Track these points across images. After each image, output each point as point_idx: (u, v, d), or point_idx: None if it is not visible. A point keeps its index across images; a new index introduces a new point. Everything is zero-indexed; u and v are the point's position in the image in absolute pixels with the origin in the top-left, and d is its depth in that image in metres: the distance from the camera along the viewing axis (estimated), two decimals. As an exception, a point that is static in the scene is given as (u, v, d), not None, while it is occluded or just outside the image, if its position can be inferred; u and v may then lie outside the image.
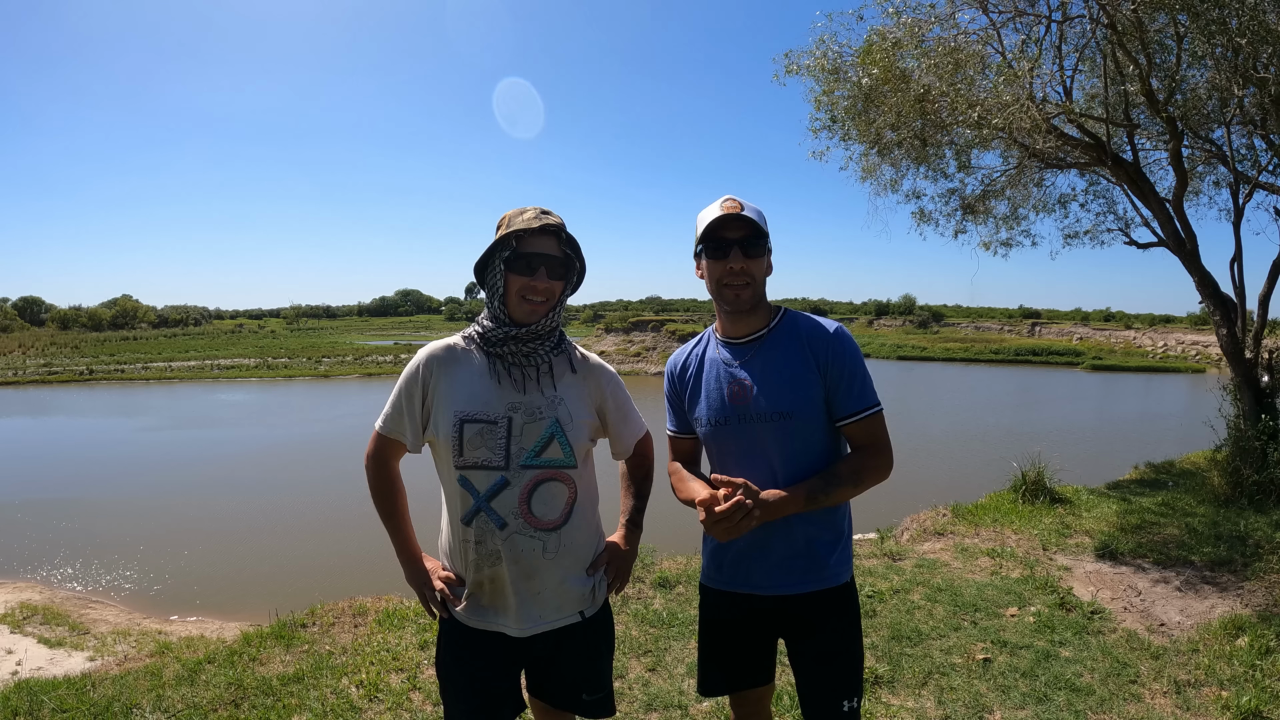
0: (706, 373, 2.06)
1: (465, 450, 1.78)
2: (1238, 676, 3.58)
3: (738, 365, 1.99)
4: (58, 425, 22.65)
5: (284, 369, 39.30)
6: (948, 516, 6.58)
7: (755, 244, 1.93)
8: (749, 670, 2.10)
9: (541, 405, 1.83)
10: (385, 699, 3.47)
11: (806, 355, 1.92)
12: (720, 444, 2.01)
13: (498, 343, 1.84)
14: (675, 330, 41.88)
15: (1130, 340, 51.14)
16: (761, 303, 2.01)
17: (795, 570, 1.95)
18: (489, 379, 1.83)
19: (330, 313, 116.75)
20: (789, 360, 1.94)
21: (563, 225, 1.85)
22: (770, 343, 1.98)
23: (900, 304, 71.15)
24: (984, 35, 7.12)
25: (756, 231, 1.92)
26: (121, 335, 70.01)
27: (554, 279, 1.84)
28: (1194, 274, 7.60)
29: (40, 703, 3.49)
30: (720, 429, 1.99)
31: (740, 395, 1.96)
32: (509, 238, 1.81)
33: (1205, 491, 7.17)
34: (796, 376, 1.91)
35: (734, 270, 1.93)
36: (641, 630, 4.20)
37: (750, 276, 1.94)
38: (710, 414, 2.01)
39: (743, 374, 1.97)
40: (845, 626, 1.99)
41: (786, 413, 1.90)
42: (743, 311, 1.98)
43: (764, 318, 2.01)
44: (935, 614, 4.43)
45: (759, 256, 1.95)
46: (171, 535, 10.65)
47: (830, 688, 1.96)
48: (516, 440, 1.80)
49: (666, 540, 5.49)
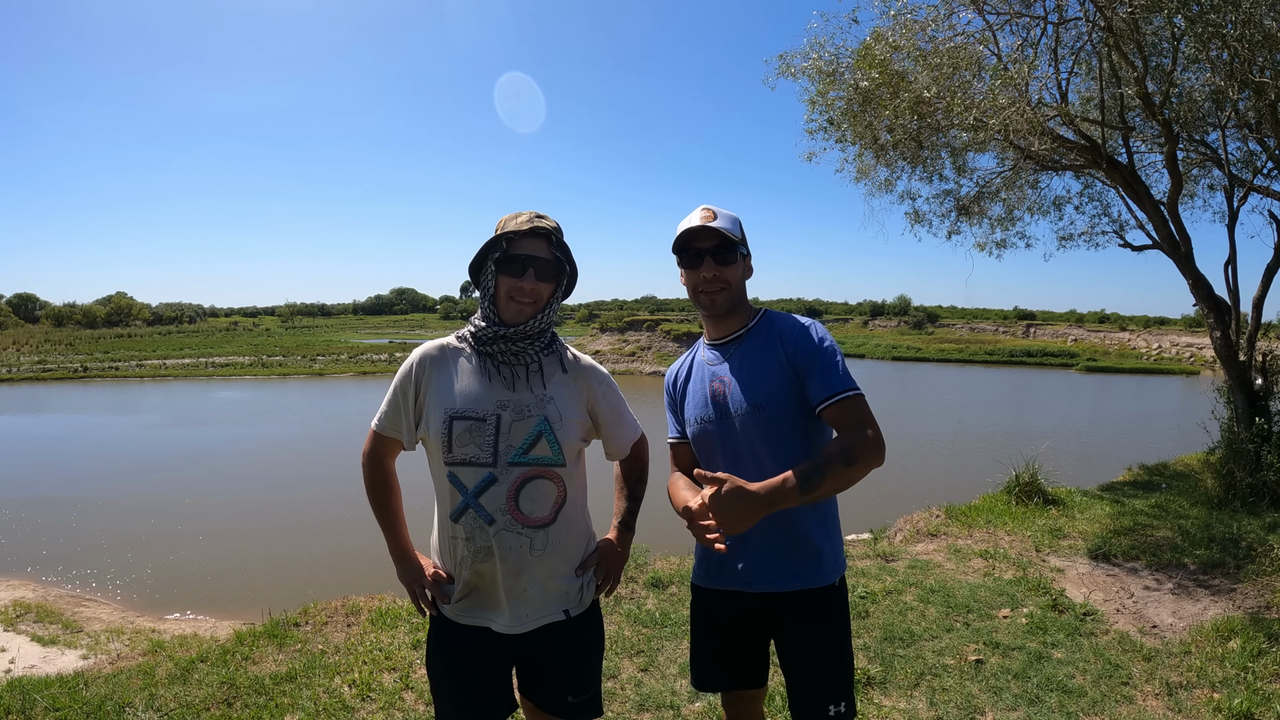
0: (694, 376, 2.14)
1: (454, 446, 1.80)
2: (1229, 679, 3.60)
3: (719, 365, 2.06)
4: (52, 423, 22.57)
5: (279, 367, 39.22)
6: (941, 518, 6.59)
7: (726, 252, 1.99)
8: (739, 671, 2.11)
9: (530, 403, 1.85)
10: (378, 698, 3.46)
11: (777, 348, 1.98)
12: (707, 442, 2.06)
13: (488, 341, 1.86)
14: (670, 330, 41.84)
15: (1125, 342, 51.33)
16: (740, 305, 2.07)
17: (783, 568, 1.97)
18: (480, 377, 1.85)
19: (325, 311, 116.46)
20: (762, 355, 1.99)
21: (556, 229, 1.87)
22: (747, 341, 2.05)
23: (895, 305, 71.28)
24: (980, 37, 7.14)
25: (726, 241, 1.98)
26: (116, 332, 69.78)
27: (543, 281, 1.85)
28: (1188, 277, 7.62)
29: (33, 701, 3.47)
30: (705, 427, 2.06)
31: (719, 393, 2.03)
32: (500, 239, 1.83)
33: (1198, 494, 7.20)
34: (768, 369, 1.97)
35: (707, 278, 2.00)
36: (634, 630, 4.20)
37: (724, 282, 2.01)
38: (695, 413, 2.09)
39: (722, 371, 2.04)
40: (834, 628, 1.99)
41: (759, 404, 1.95)
42: (720, 315, 2.05)
43: (743, 319, 2.08)
44: (928, 615, 4.44)
45: (732, 263, 2.01)
46: (165, 533, 10.62)
47: (817, 691, 1.96)
48: (505, 437, 1.81)
49: (659, 540, 5.49)
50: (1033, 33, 7.25)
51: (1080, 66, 7.78)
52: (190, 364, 40.55)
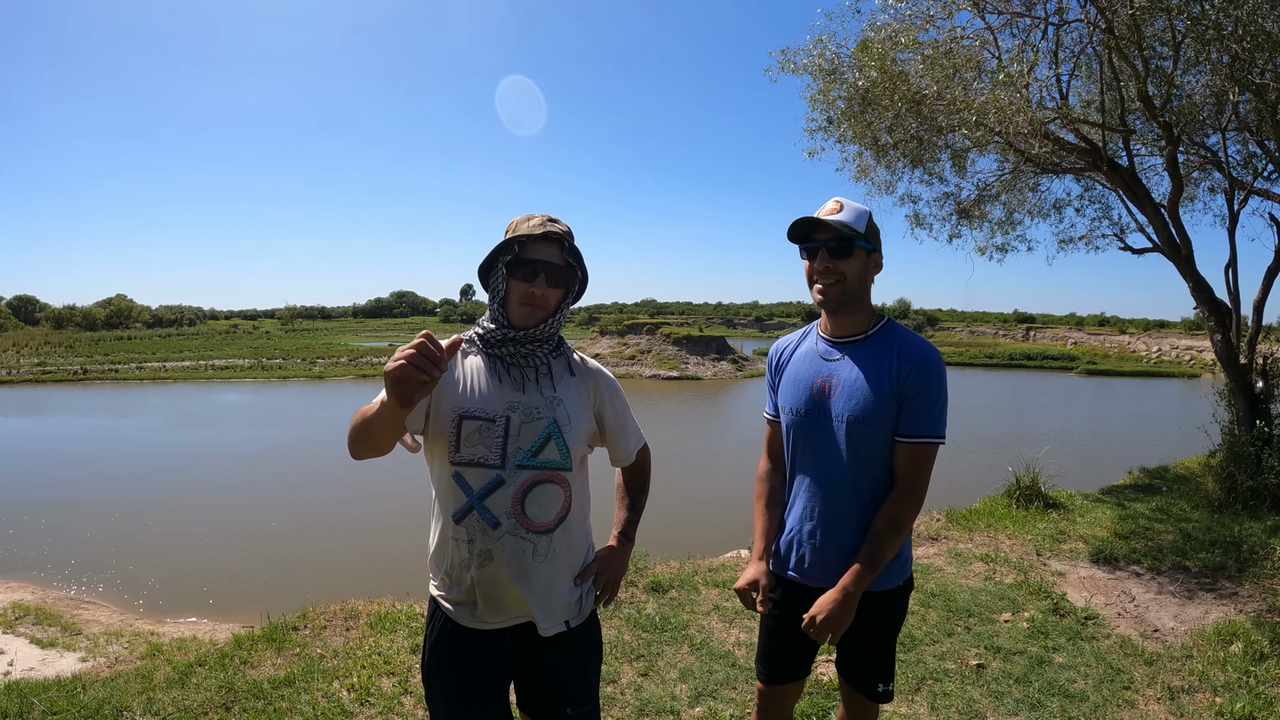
0: (798, 363, 2.15)
1: (462, 446, 1.77)
2: (1231, 683, 3.58)
3: (829, 363, 2.07)
4: (51, 425, 22.57)
5: (278, 370, 39.22)
6: (941, 521, 6.57)
7: (843, 246, 1.98)
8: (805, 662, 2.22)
9: (540, 405, 1.82)
10: (376, 703, 3.45)
11: (892, 366, 1.97)
12: (797, 434, 2.10)
13: (496, 344, 1.83)
14: (670, 333, 41.81)
15: (1125, 345, 51.39)
16: (859, 304, 2.05)
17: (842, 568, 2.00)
18: (489, 378, 1.83)
19: (325, 314, 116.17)
20: (876, 369, 1.98)
21: (568, 234, 1.84)
22: (865, 347, 2.03)
23: (895, 308, 71.41)
24: (980, 38, 7.12)
25: (843, 235, 1.97)
26: (116, 335, 69.74)
27: (554, 286, 1.83)
28: (1189, 280, 7.61)
29: (30, 705, 3.45)
30: (800, 420, 2.08)
31: (824, 392, 2.04)
32: (512, 242, 1.81)
33: (1200, 497, 7.19)
34: (879, 386, 1.96)
35: (820, 270, 2.01)
36: (634, 635, 4.18)
37: (839, 275, 1.99)
38: (793, 403, 2.11)
39: (832, 370, 2.05)
40: (894, 624, 2.11)
41: (864, 419, 1.96)
42: (834, 309, 2.04)
43: (863, 321, 2.06)
44: (929, 619, 4.43)
45: (848, 257, 1.99)
46: (164, 536, 10.61)
47: (870, 674, 2.12)
48: (514, 440, 1.79)
49: (660, 544, 5.48)
50: (1033, 34, 7.25)
51: (1081, 69, 7.78)
52: (190, 366, 40.54)
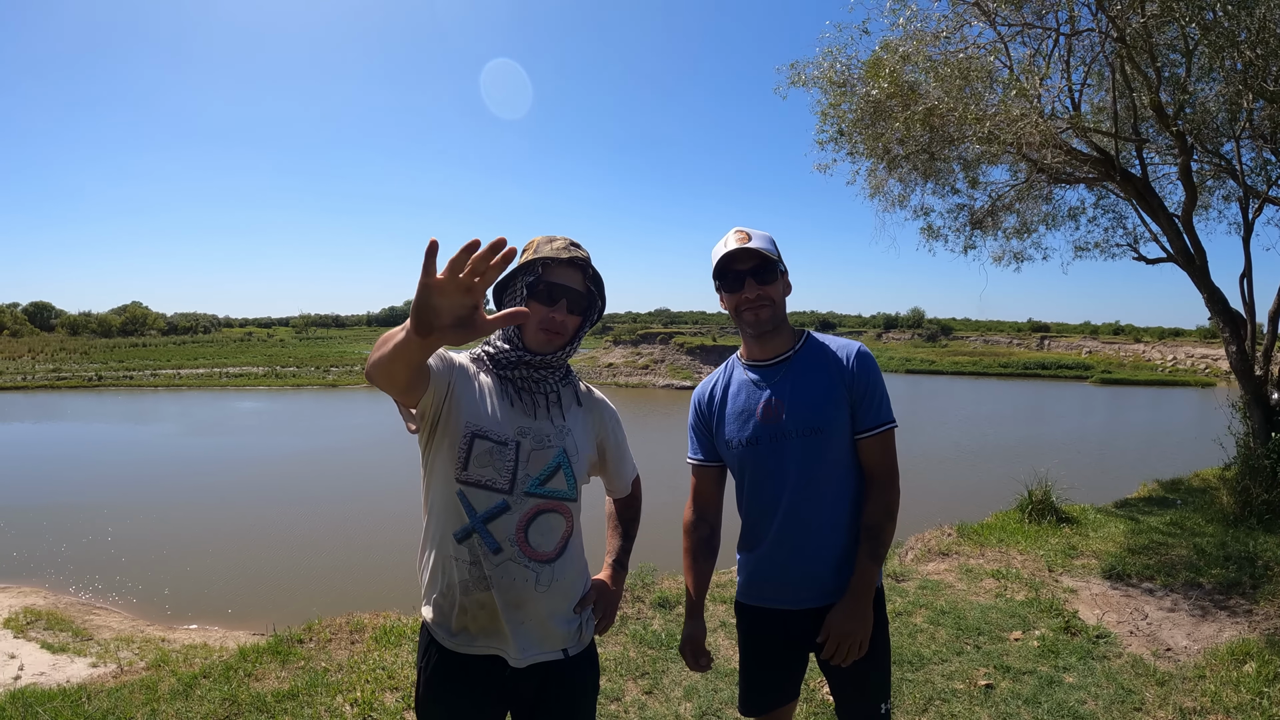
0: (735, 396, 2.12)
1: (471, 465, 1.72)
2: (1244, 704, 3.51)
3: (769, 385, 2.06)
4: (66, 430, 22.77)
5: (292, 378, 39.50)
6: (953, 536, 6.50)
7: (766, 271, 2.02)
8: (784, 687, 2.16)
9: (550, 433, 1.80)
10: (379, 718, 3.43)
11: (834, 373, 2.01)
12: (751, 464, 2.07)
13: (508, 366, 1.80)
14: (684, 343, 41.83)
15: (1139, 354, 50.93)
16: (783, 324, 2.09)
17: (820, 583, 2.02)
18: (501, 399, 1.79)
19: (339, 322, 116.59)
20: (819, 379, 2.02)
21: (590, 260, 1.82)
22: (797, 363, 2.06)
23: (909, 317, 71.07)
24: (991, 48, 7.08)
25: (765, 260, 2.00)
26: (131, 342, 70.54)
27: (574, 313, 1.80)
28: (1203, 290, 7.53)
29: (35, 714, 3.47)
30: (751, 449, 2.05)
31: (772, 414, 2.03)
32: (535, 264, 1.77)
33: (1214, 510, 7.08)
34: (826, 394, 2.00)
35: (750, 299, 2.02)
36: (639, 652, 4.15)
37: (769, 299, 2.03)
38: (740, 435, 2.07)
39: (774, 392, 2.04)
40: (878, 634, 2.05)
41: (818, 428, 1.98)
42: (766, 332, 2.05)
43: (788, 340, 2.09)
44: (938, 638, 4.37)
45: (773, 281, 2.03)
46: (176, 543, 10.68)
47: (866, 695, 2.07)
48: (524, 466, 1.75)
49: (667, 560, 5.44)
50: (1044, 44, 7.21)
51: (1093, 78, 7.73)
52: (204, 374, 40.89)
